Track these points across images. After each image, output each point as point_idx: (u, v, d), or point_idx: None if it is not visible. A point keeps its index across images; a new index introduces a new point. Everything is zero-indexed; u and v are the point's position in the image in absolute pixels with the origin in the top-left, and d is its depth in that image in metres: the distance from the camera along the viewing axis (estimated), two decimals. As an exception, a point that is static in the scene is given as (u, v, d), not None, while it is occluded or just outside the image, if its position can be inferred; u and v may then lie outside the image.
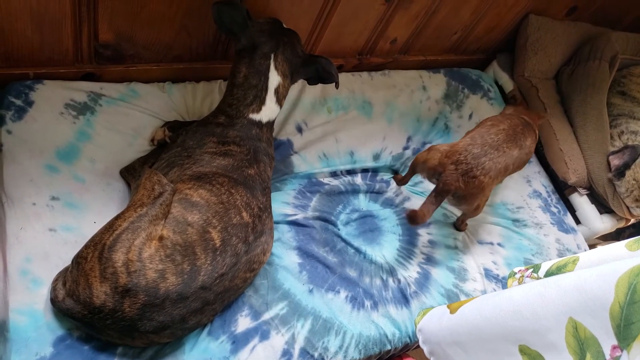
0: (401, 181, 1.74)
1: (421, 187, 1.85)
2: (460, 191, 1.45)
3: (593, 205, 2.05)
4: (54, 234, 1.25)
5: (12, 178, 1.27)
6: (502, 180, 1.69)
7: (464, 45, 2.15)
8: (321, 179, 1.69)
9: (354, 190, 1.72)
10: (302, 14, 1.62)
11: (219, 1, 1.31)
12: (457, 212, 1.80)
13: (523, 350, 0.94)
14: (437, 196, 1.45)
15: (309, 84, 1.53)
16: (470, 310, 1.05)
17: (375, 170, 1.83)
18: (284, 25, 1.44)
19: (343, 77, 1.85)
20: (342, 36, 1.79)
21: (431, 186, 1.52)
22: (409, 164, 1.85)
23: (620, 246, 1.01)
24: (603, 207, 2.06)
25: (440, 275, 1.65)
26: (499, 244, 1.82)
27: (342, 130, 1.79)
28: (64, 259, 1.21)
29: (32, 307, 1.14)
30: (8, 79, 1.39)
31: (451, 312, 1.12)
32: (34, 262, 1.19)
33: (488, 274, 1.72)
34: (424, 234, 1.75)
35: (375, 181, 1.80)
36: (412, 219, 1.44)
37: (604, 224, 2.03)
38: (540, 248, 1.86)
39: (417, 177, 1.79)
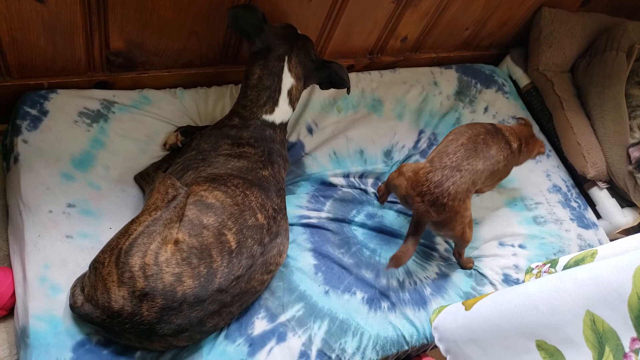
0: (380, 199, 1.70)
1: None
2: (435, 219, 1.42)
3: (614, 199, 2.01)
4: (70, 241, 1.26)
5: (29, 186, 1.29)
6: (488, 189, 1.64)
7: (476, 41, 2.13)
8: (333, 180, 1.68)
9: (368, 198, 1.71)
10: (311, 15, 1.62)
11: (236, 5, 1.32)
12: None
13: (540, 345, 0.92)
14: (415, 228, 1.43)
15: (321, 88, 1.55)
16: (486, 306, 1.04)
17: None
18: (299, 31, 1.45)
19: (353, 76, 1.85)
20: (352, 36, 1.79)
21: None
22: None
23: (639, 238, 0.99)
24: (624, 201, 2.02)
25: (459, 278, 1.64)
26: (520, 246, 1.78)
27: (352, 128, 1.79)
28: (81, 265, 1.23)
29: (51, 313, 1.16)
30: (23, 89, 1.42)
31: (466, 309, 1.10)
32: (52, 269, 1.21)
33: (508, 279, 1.69)
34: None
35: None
36: (397, 263, 1.42)
37: (626, 217, 1.99)
38: (562, 246, 1.82)
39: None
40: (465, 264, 1.67)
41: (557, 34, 2.09)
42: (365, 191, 1.72)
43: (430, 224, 1.46)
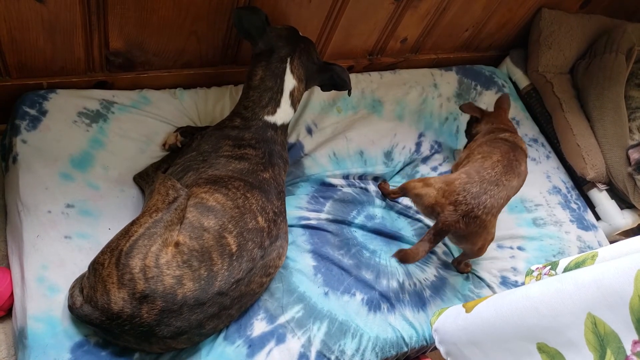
0: (389, 195, 1.70)
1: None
2: (461, 231, 1.40)
3: (613, 201, 2.01)
4: (69, 241, 1.26)
5: (27, 187, 1.28)
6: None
7: (475, 42, 2.13)
8: (333, 181, 1.68)
9: (368, 198, 1.71)
10: (311, 16, 1.62)
11: (240, 7, 1.33)
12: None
13: (541, 348, 0.92)
14: (435, 235, 1.39)
15: (323, 90, 1.55)
16: (486, 308, 1.03)
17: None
18: (300, 33, 1.46)
19: (352, 77, 1.85)
20: (352, 37, 1.78)
21: None
22: (419, 169, 1.83)
23: (640, 240, 0.98)
24: (623, 203, 2.02)
25: (456, 281, 1.63)
26: (518, 248, 1.79)
27: (352, 129, 1.78)
28: (80, 266, 1.22)
29: (49, 314, 1.15)
30: (22, 89, 1.41)
31: (467, 312, 1.10)
32: (51, 270, 1.20)
33: (506, 281, 1.69)
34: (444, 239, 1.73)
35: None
36: (403, 259, 1.38)
37: (625, 219, 1.99)
38: (561, 248, 1.82)
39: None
40: (463, 269, 1.66)
41: (557, 36, 2.10)
42: (366, 189, 1.72)
43: (452, 235, 1.44)
